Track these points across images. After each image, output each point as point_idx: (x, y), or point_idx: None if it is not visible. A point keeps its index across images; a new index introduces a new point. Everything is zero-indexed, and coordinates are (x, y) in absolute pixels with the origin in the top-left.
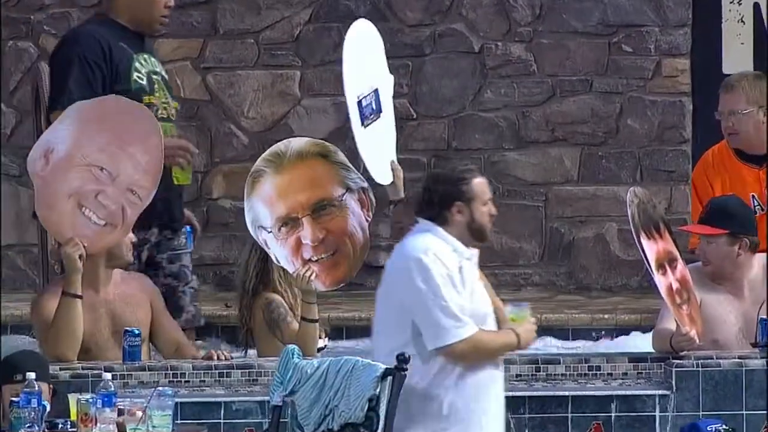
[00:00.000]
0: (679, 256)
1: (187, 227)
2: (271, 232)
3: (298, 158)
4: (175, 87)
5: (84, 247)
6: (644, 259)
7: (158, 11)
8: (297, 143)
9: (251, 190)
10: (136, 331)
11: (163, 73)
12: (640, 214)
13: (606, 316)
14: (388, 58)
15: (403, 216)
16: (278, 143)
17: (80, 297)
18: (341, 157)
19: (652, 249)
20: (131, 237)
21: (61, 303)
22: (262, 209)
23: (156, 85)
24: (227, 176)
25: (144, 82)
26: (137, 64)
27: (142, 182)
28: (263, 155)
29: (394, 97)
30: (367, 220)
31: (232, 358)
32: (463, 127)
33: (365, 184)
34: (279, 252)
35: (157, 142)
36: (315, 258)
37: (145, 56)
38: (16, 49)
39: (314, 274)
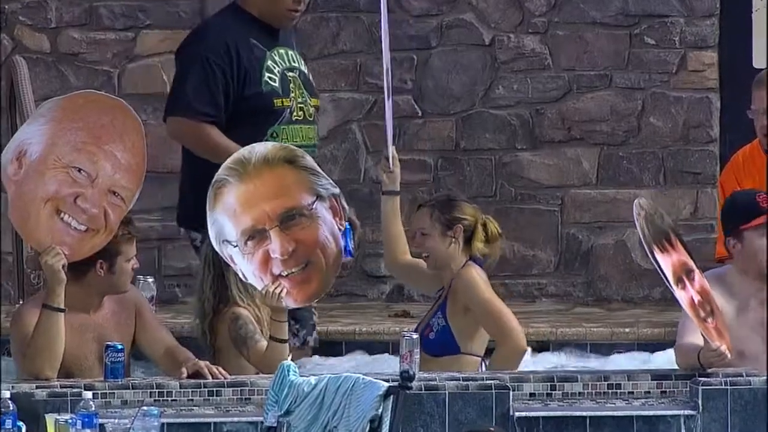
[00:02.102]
0: (695, 266)
1: (346, 224)
2: (236, 246)
3: (264, 164)
4: (161, 82)
5: (65, 255)
6: (661, 274)
7: (284, 4)
8: (261, 148)
9: (214, 202)
10: (119, 346)
11: (302, 68)
12: (648, 227)
13: (627, 329)
14: (391, 50)
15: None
16: (242, 149)
17: (62, 310)
18: (309, 161)
19: (667, 262)
20: (133, 263)
21: (42, 316)
22: (226, 222)
23: (292, 84)
24: None
25: (276, 84)
26: (269, 63)
27: (123, 182)
28: (225, 163)
29: (399, 92)
30: (339, 229)
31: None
32: (472, 125)
33: (337, 190)
34: (246, 268)
35: (139, 139)
36: (285, 273)
37: (281, 51)
38: None
39: (285, 291)
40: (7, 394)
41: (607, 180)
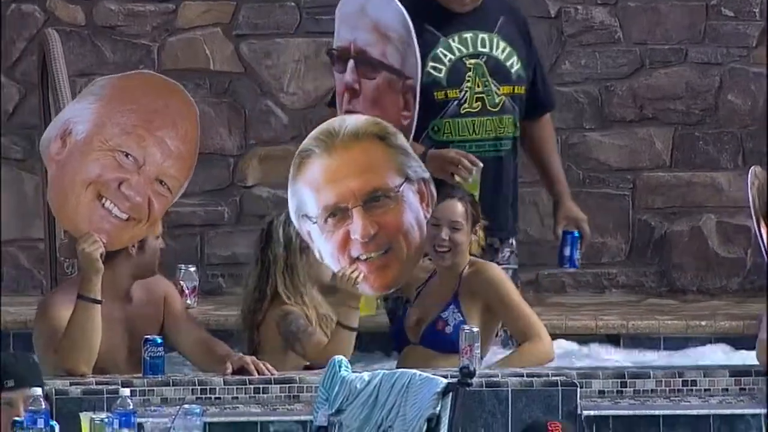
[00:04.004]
0: None
1: (574, 232)
2: (316, 222)
3: (353, 138)
4: (203, 57)
5: (103, 243)
6: (763, 250)
7: None
8: (353, 121)
9: (297, 173)
10: (158, 340)
11: (496, 52)
12: (760, 198)
13: (703, 322)
14: None
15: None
16: (332, 119)
17: (99, 302)
18: (402, 140)
19: None
20: (160, 243)
21: (78, 308)
22: (307, 195)
23: (470, 72)
24: (264, 160)
25: (441, 74)
26: (440, 50)
27: (172, 171)
28: (313, 133)
29: None
30: (425, 217)
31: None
32: None
33: (426, 175)
34: (323, 247)
35: (192, 128)
36: (364, 256)
37: (465, 36)
38: (20, 14)
39: (362, 275)
40: (39, 391)
41: (681, 162)
